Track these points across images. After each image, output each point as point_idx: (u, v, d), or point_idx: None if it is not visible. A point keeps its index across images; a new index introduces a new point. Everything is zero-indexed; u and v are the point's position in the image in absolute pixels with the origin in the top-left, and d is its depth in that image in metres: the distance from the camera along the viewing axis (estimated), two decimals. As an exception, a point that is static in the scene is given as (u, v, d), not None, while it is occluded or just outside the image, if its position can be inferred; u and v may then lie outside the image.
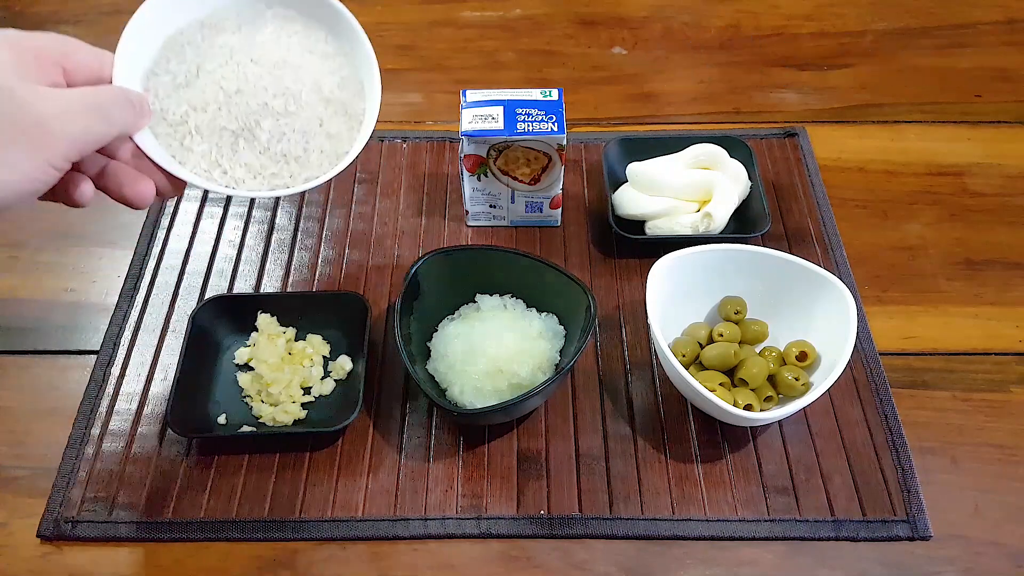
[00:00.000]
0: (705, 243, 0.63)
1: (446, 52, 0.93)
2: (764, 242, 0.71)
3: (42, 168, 0.38)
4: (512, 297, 0.65)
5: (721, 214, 0.69)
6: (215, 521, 0.56)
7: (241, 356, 0.64)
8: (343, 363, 0.64)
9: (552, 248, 0.73)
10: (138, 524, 0.56)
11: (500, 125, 0.66)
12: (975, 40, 0.94)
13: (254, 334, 0.65)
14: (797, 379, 0.59)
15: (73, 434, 0.61)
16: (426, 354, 0.63)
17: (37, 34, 0.41)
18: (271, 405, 0.61)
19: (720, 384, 0.59)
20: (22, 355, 0.66)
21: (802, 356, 0.60)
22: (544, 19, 0.97)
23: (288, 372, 0.62)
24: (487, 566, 0.55)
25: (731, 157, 0.73)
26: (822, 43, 0.94)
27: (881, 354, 0.65)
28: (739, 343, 0.63)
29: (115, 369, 0.65)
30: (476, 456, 0.59)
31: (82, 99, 0.40)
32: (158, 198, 0.45)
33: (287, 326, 0.66)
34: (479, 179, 0.70)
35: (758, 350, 0.63)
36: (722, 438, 0.60)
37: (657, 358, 0.64)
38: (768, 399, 0.59)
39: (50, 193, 0.41)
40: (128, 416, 0.62)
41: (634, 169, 0.72)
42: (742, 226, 0.72)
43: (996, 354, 0.65)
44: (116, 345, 0.66)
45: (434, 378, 0.61)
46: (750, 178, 0.73)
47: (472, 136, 0.66)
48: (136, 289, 0.70)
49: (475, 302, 0.65)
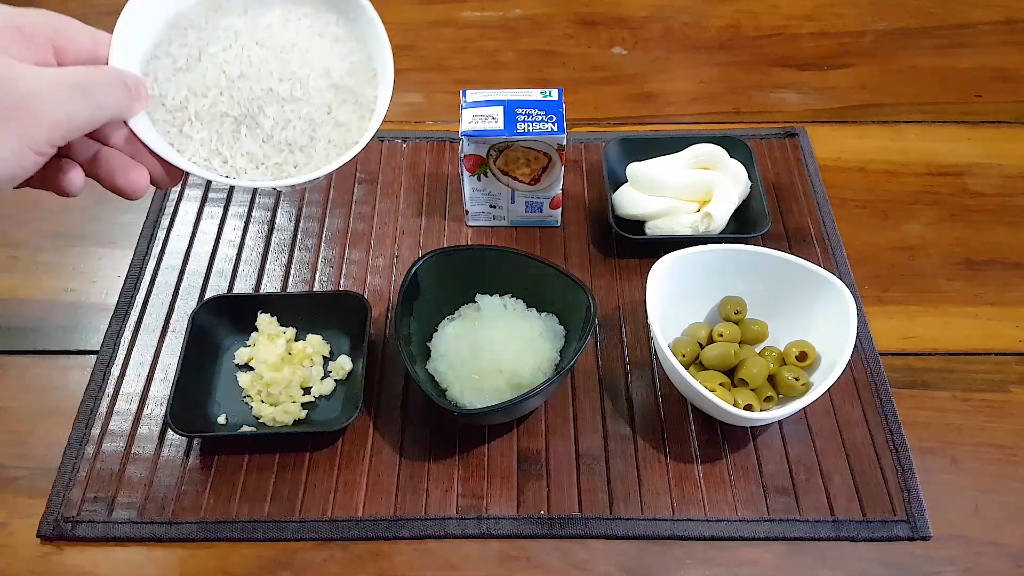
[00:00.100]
0: (705, 243, 0.63)
1: (446, 52, 0.94)
2: (764, 242, 0.71)
3: (21, 152, 0.35)
4: (512, 297, 0.65)
5: (721, 214, 0.69)
6: (215, 521, 0.56)
7: (241, 356, 0.64)
8: (343, 363, 0.64)
9: (552, 248, 0.73)
10: (138, 524, 0.56)
11: (500, 125, 0.66)
12: (975, 40, 0.94)
13: (254, 334, 0.65)
14: (797, 379, 0.59)
15: (73, 434, 0.61)
16: (426, 354, 0.63)
17: (26, 10, 0.38)
18: (271, 405, 0.61)
19: (720, 384, 0.59)
20: (22, 355, 0.66)
21: (802, 356, 0.60)
22: (544, 19, 0.97)
23: (288, 372, 0.62)
24: (487, 566, 0.55)
25: (731, 157, 0.73)
26: (822, 43, 0.94)
27: (881, 354, 0.65)
28: (739, 343, 0.63)
29: (115, 369, 0.65)
30: (476, 456, 0.59)
31: (70, 78, 0.37)
32: (157, 187, 0.43)
33: (287, 326, 0.66)
34: (479, 179, 0.70)
35: (758, 350, 0.63)
36: (722, 438, 0.60)
37: (657, 358, 0.64)
38: (768, 399, 0.59)
39: (36, 181, 0.39)
40: (128, 416, 0.62)
41: (634, 169, 0.72)
42: (742, 226, 0.72)
43: (996, 354, 0.65)
44: (116, 345, 0.66)
45: (434, 378, 0.61)
46: (750, 178, 0.73)
47: (472, 136, 0.66)
48: (136, 289, 0.70)
49: (475, 302, 0.65)
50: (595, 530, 0.56)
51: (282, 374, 0.62)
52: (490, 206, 0.72)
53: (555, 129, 0.66)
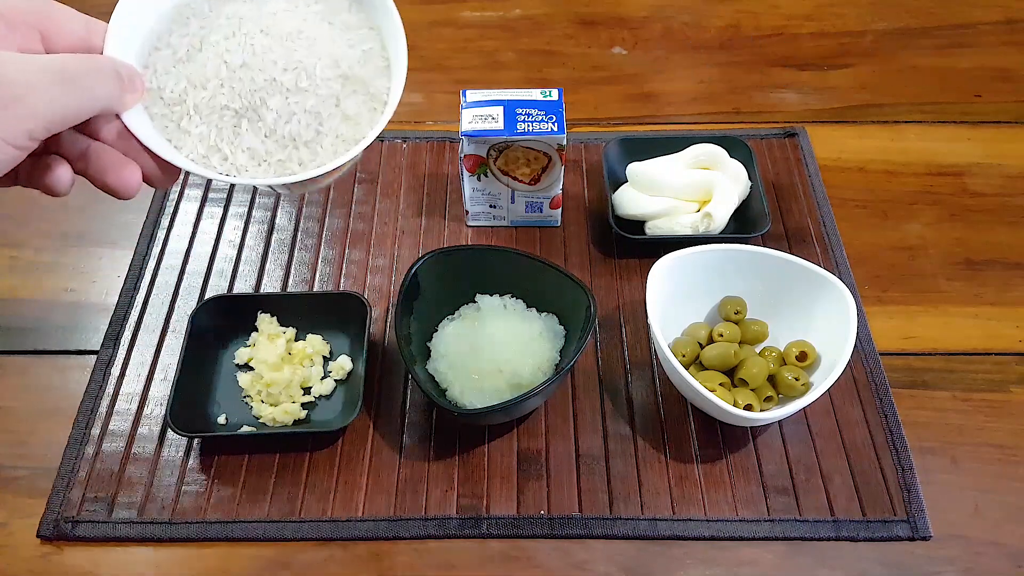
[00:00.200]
0: (705, 243, 0.63)
1: (446, 52, 0.93)
2: (764, 242, 0.71)
3: None
4: (512, 297, 0.65)
5: (721, 214, 0.69)
6: (215, 521, 0.56)
7: (241, 356, 0.64)
8: (343, 363, 0.64)
9: (552, 248, 0.73)
10: (138, 524, 0.56)
11: (500, 125, 0.66)
12: (975, 40, 0.94)
13: (254, 334, 0.65)
14: (797, 379, 0.59)
15: (73, 434, 0.61)
16: (426, 354, 0.63)
17: None
18: (271, 405, 0.61)
19: (720, 384, 0.59)
20: (22, 355, 0.66)
21: (802, 356, 0.60)
22: (544, 19, 0.97)
23: (288, 372, 0.62)
24: (487, 566, 0.55)
25: (731, 157, 0.73)
26: (822, 43, 0.94)
27: (881, 354, 0.65)
28: (739, 343, 0.63)
29: (115, 369, 0.65)
30: (476, 456, 0.59)
31: (55, 64, 0.34)
32: (152, 186, 0.40)
33: (287, 326, 0.66)
34: (479, 179, 0.70)
35: (758, 350, 0.63)
36: (722, 438, 0.60)
37: (657, 358, 0.64)
38: (768, 399, 0.59)
39: (20, 177, 0.36)
40: (128, 416, 0.62)
41: (634, 169, 0.72)
42: (742, 226, 0.72)
43: (996, 354, 0.65)
44: (116, 345, 0.66)
45: (434, 378, 0.61)
46: (750, 178, 0.73)
47: (472, 136, 0.66)
48: (136, 289, 0.70)
49: (475, 302, 0.65)
50: (595, 530, 0.56)
51: (282, 374, 0.62)
52: (490, 206, 0.72)
53: (555, 129, 0.66)
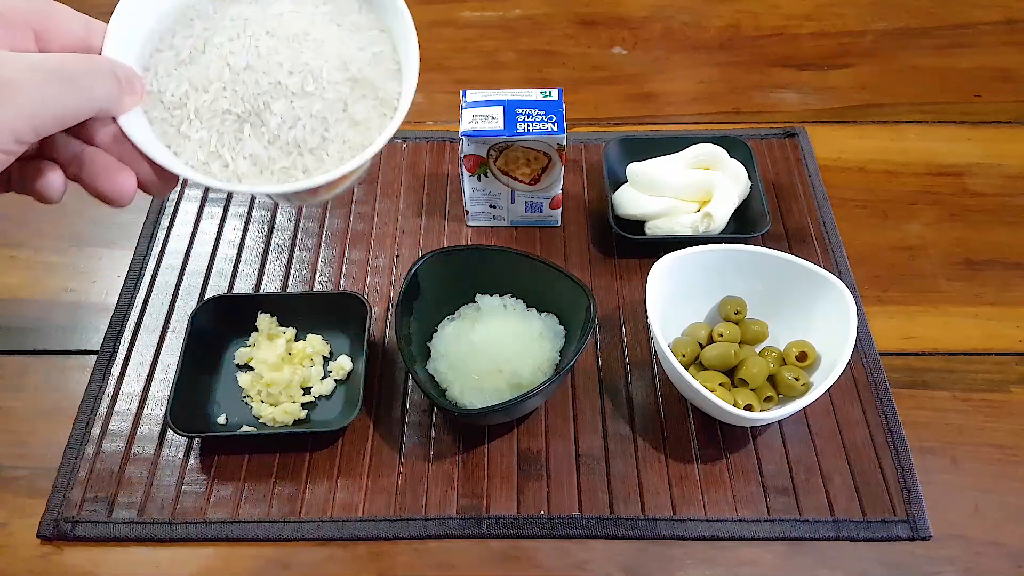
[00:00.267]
0: (705, 243, 0.63)
1: (446, 52, 0.93)
2: (764, 242, 0.71)
3: None
4: (512, 297, 0.65)
5: (721, 214, 0.69)
6: (215, 521, 0.56)
7: (241, 356, 0.64)
8: (343, 363, 0.64)
9: (552, 248, 0.73)
10: (138, 524, 0.56)
11: (500, 125, 0.66)
12: (975, 40, 0.94)
13: (254, 334, 0.65)
14: (797, 379, 0.59)
15: (73, 434, 0.61)
16: (426, 354, 0.63)
17: None
18: (271, 405, 0.61)
19: (720, 384, 0.59)
20: (22, 355, 0.66)
21: (802, 356, 0.60)
22: (544, 19, 0.97)
23: (288, 372, 0.62)
24: (487, 566, 0.55)
25: (731, 157, 0.73)
26: (822, 43, 0.94)
27: (881, 354, 0.65)
28: (739, 343, 0.63)
29: (115, 369, 0.65)
30: (476, 456, 0.59)
31: (48, 63, 0.32)
32: (148, 194, 0.38)
33: (287, 326, 0.66)
34: (479, 179, 0.70)
35: (758, 350, 0.63)
36: (722, 438, 0.60)
37: (657, 358, 0.64)
38: (768, 399, 0.59)
39: (11, 183, 0.35)
40: (128, 416, 0.62)
41: (634, 169, 0.72)
42: (742, 226, 0.72)
43: (996, 354, 0.65)
44: (116, 345, 0.66)
45: (434, 378, 0.61)
46: (750, 178, 0.73)
47: (472, 136, 0.66)
48: (136, 289, 0.70)
49: (475, 302, 0.65)
50: (595, 530, 0.56)
51: (282, 374, 0.62)
52: (490, 206, 0.72)
53: (555, 129, 0.66)
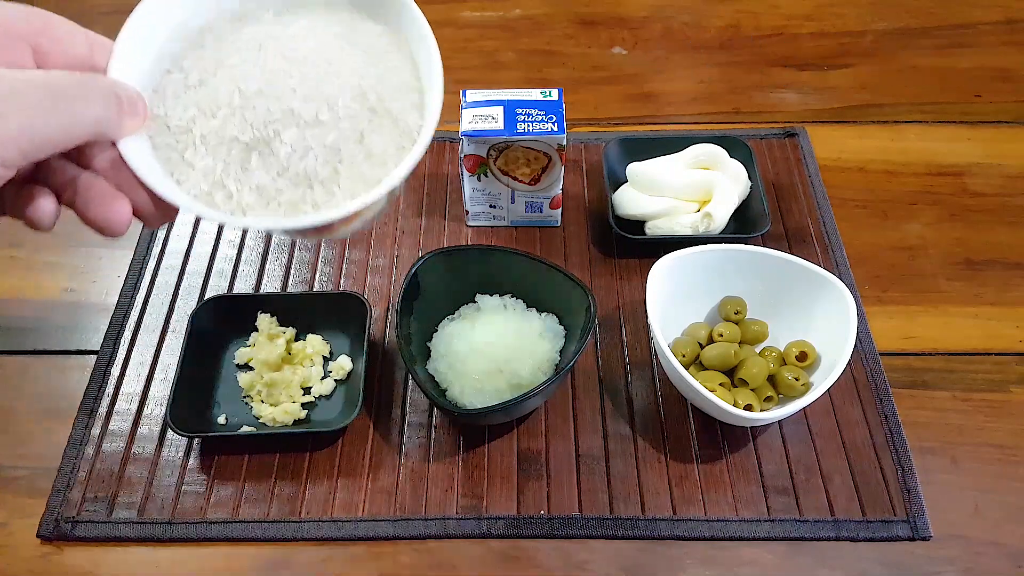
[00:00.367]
0: (705, 243, 0.63)
1: (446, 52, 0.92)
2: (764, 242, 0.71)
3: None
4: (512, 297, 0.65)
5: (721, 214, 0.69)
6: (215, 521, 0.56)
7: (241, 356, 0.64)
8: (343, 363, 0.64)
9: (552, 248, 0.73)
10: (138, 524, 0.56)
11: (500, 125, 0.66)
12: (975, 40, 0.94)
13: (254, 334, 0.65)
14: (797, 379, 0.59)
15: (73, 434, 0.61)
16: (426, 354, 0.63)
17: (4, 3, 0.32)
18: (271, 405, 0.61)
19: (720, 384, 0.59)
20: (22, 355, 0.66)
21: (802, 356, 0.60)
22: (544, 19, 0.97)
23: (288, 372, 0.62)
24: (487, 566, 0.55)
25: (731, 157, 0.73)
26: (822, 43, 0.94)
27: (881, 354, 0.65)
28: (739, 343, 0.63)
29: (115, 369, 0.65)
30: (476, 456, 0.59)
31: (41, 81, 0.30)
32: (144, 224, 0.36)
33: (287, 326, 0.66)
34: (479, 179, 0.70)
35: (758, 350, 0.63)
36: (722, 438, 0.60)
37: (657, 358, 0.64)
38: (768, 399, 0.59)
39: (4, 207, 0.33)
40: (128, 416, 0.62)
41: (634, 169, 0.72)
42: (742, 226, 0.72)
43: (996, 354, 0.65)
44: (116, 345, 0.66)
45: (434, 378, 0.61)
46: (750, 178, 0.73)
47: (472, 136, 0.66)
48: (136, 289, 0.70)
49: (475, 302, 0.65)
50: (595, 530, 0.56)
51: (282, 374, 0.62)
52: (490, 206, 0.72)
53: (555, 129, 0.66)
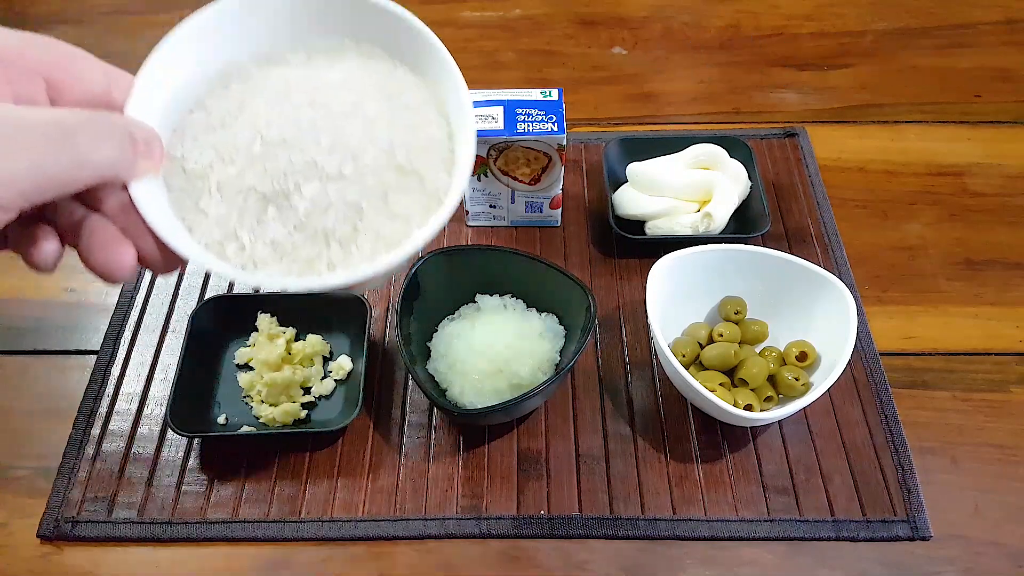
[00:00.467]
0: (705, 243, 0.63)
1: (446, 52, 0.93)
2: (764, 242, 0.71)
3: None
4: (512, 297, 0.65)
5: (721, 214, 0.69)
6: (215, 521, 0.56)
7: (241, 356, 0.64)
8: (343, 363, 0.64)
9: (552, 248, 0.73)
10: (138, 524, 0.56)
11: (500, 125, 0.66)
12: (975, 40, 0.94)
13: (254, 334, 0.65)
14: (797, 379, 0.59)
15: (73, 434, 0.61)
16: (426, 354, 0.63)
17: (15, 33, 0.31)
18: (271, 405, 0.61)
19: (720, 384, 0.59)
20: (22, 355, 0.66)
21: (802, 356, 0.60)
22: (544, 19, 0.97)
23: (288, 372, 0.62)
24: (487, 566, 0.55)
25: (731, 157, 0.73)
26: (822, 43, 0.94)
27: (881, 354, 0.65)
28: (739, 343, 0.63)
29: (115, 369, 0.65)
30: (476, 456, 0.59)
31: (47, 121, 0.28)
32: (150, 271, 0.34)
33: (287, 326, 0.66)
34: (479, 179, 0.70)
35: (758, 350, 0.63)
36: (722, 438, 0.60)
37: (657, 358, 0.64)
38: (768, 399, 0.59)
39: (7, 242, 0.32)
40: (128, 416, 0.62)
41: (634, 169, 0.72)
42: (742, 226, 0.72)
43: (996, 354, 0.65)
44: (116, 345, 0.66)
45: (434, 378, 0.61)
46: (750, 178, 0.73)
47: (472, 136, 0.66)
48: (136, 289, 0.70)
49: (475, 302, 0.65)
50: (595, 530, 0.56)
51: (282, 374, 0.62)
52: (490, 206, 0.72)
53: (555, 129, 0.66)
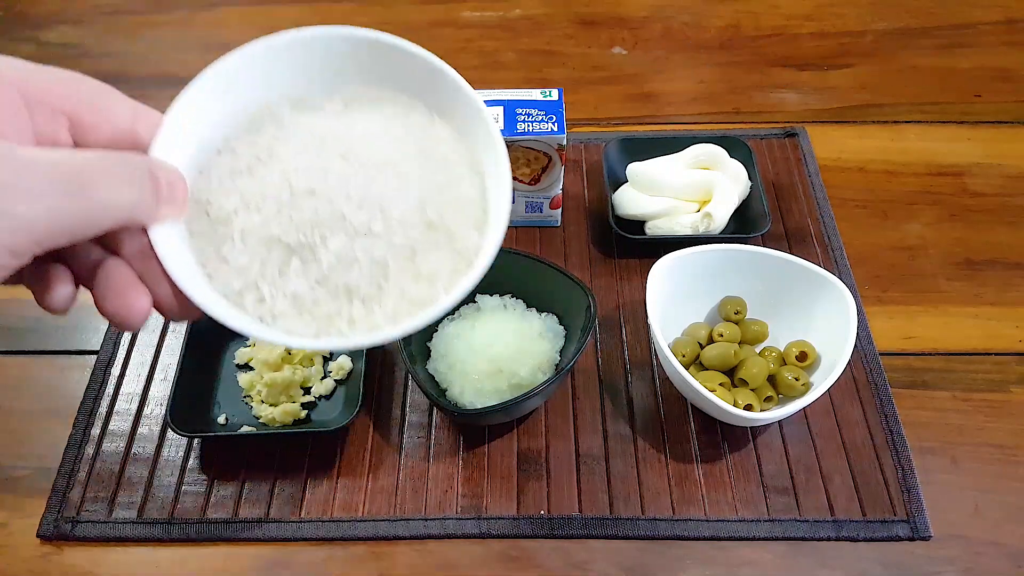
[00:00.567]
0: (705, 243, 0.63)
1: (446, 52, 0.92)
2: (764, 242, 0.71)
3: None
4: (512, 297, 0.65)
5: (721, 214, 0.69)
6: (215, 521, 0.56)
7: (241, 356, 0.64)
8: (343, 363, 0.64)
9: (552, 248, 0.73)
10: (138, 524, 0.56)
11: (500, 125, 0.66)
12: (975, 40, 0.94)
13: (254, 334, 0.65)
14: (797, 379, 0.59)
15: (73, 434, 0.61)
16: (426, 354, 0.63)
17: (39, 68, 0.29)
18: (271, 405, 0.61)
19: (720, 384, 0.59)
20: (22, 355, 0.66)
21: (802, 356, 0.60)
22: (544, 19, 0.97)
23: (288, 372, 0.62)
24: (487, 566, 0.55)
25: (731, 157, 0.73)
26: (822, 43, 0.94)
27: (881, 354, 0.65)
28: (739, 343, 0.62)
29: (115, 369, 0.65)
30: (476, 456, 0.59)
31: (65, 166, 0.27)
32: (166, 318, 0.32)
33: (287, 326, 0.66)
34: (479, 179, 0.70)
35: (758, 350, 0.63)
36: (722, 438, 0.60)
37: (657, 358, 0.64)
38: (768, 399, 0.59)
39: (22, 278, 0.31)
40: (128, 416, 0.62)
41: (634, 169, 0.72)
42: (742, 226, 0.72)
43: (996, 354, 0.65)
44: (116, 345, 0.66)
45: (434, 378, 0.61)
46: (750, 178, 0.73)
47: (472, 136, 0.66)
48: (136, 289, 0.70)
49: (475, 302, 0.65)
50: (595, 530, 0.56)
51: (282, 374, 0.62)
52: (490, 206, 0.72)
53: (555, 129, 0.66)
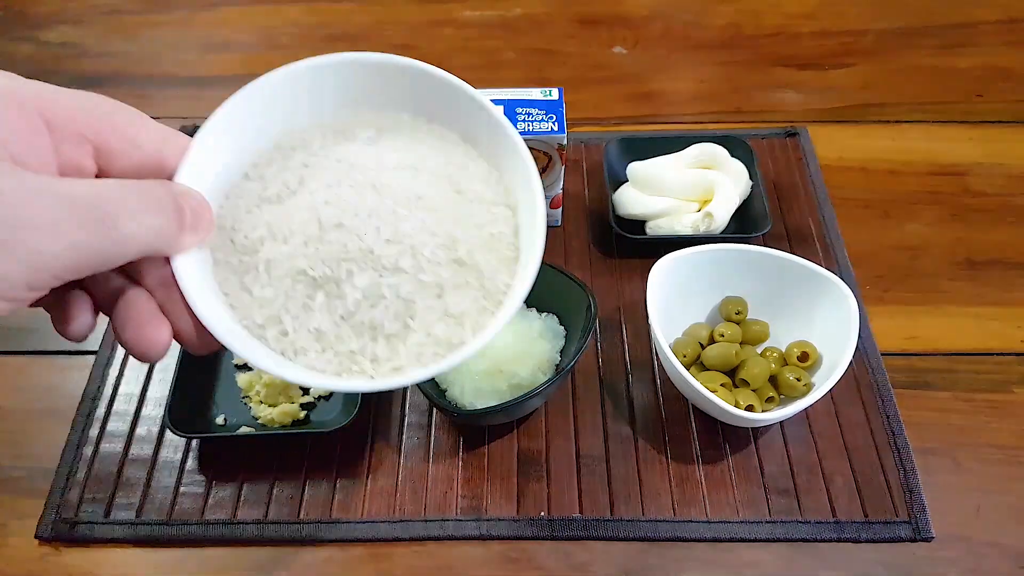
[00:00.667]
0: (706, 243, 0.62)
1: (446, 52, 0.93)
2: (765, 242, 0.71)
3: None
4: (512, 297, 0.65)
5: (722, 214, 0.69)
6: (214, 522, 0.56)
7: (240, 357, 0.64)
8: (343, 363, 0.64)
9: (552, 248, 0.72)
10: (136, 525, 0.56)
11: (500, 125, 0.66)
12: (976, 39, 0.93)
13: (253, 334, 0.65)
14: (798, 380, 0.59)
15: (72, 435, 0.60)
16: (426, 354, 0.63)
17: (64, 92, 0.29)
18: (270, 406, 0.61)
19: (721, 385, 0.59)
20: (21, 355, 0.66)
21: (803, 356, 0.60)
22: (544, 18, 0.97)
23: (287, 372, 0.62)
24: (487, 568, 0.54)
25: (732, 157, 0.73)
26: (823, 42, 0.93)
27: (883, 354, 0.64)
28: (740, 343, 0.62)
29: (113, 370, 0.64)
30: (476, 457, 0.59)
31: (85, 198, 0.26)
32: (186, 349, 0.31)
33: (286, 326, 0.66)
34: (479, 179, 0.70)
35: (759, 350, 0.63)
36: (723, 439, 0.60)
37: (658, 358, 0.64)
38: (769, 400, 0.59)
39: (41, 300, 0.30)
40: (127, 417, 0.62)
41: (635, 169, 0.72)
42: (743, 226, 0.71)
43: (998, 354, 0.65)
44: (115, 346, 0.66)
45: (434, 378, 0.61)
46: (751, 178, 0.73)
47: (472, 136, 0.66)
48: (135, 289, 0.70)
49: (475, 302, 0.65)
50: (596, 531, 0.56)
51: (281, 374, 0.62)
52: (490, 206, 0.72)
53: (555, 129, 0.65)
